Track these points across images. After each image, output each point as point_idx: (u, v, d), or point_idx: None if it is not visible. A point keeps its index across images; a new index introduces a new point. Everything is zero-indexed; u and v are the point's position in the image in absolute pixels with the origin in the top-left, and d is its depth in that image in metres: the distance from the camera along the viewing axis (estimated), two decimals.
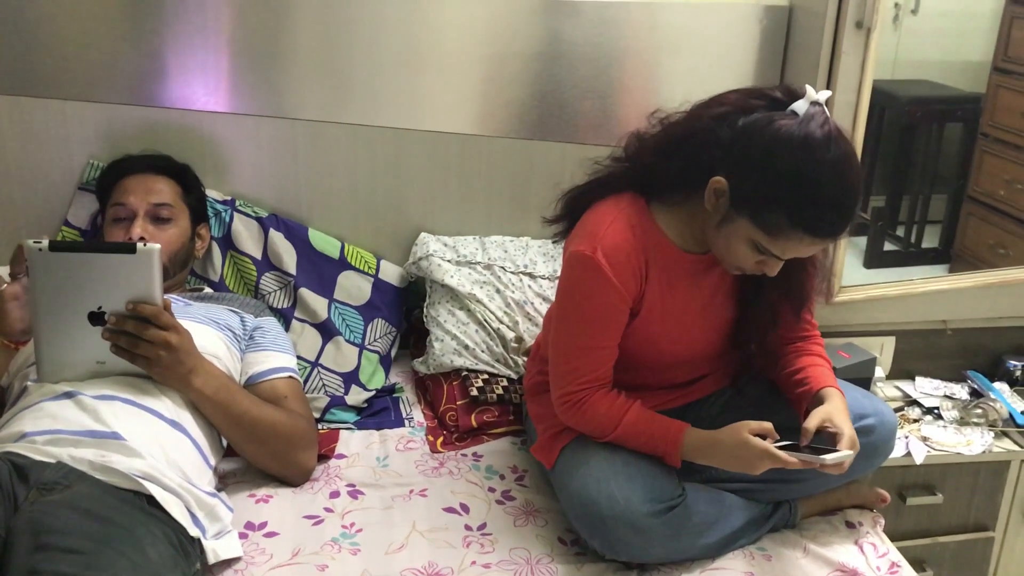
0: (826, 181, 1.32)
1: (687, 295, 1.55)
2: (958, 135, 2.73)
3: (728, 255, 1.46)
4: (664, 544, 1.47)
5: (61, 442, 1.35)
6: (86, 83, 1.91)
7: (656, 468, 1.51)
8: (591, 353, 1.53)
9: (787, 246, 1.39)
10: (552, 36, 2.02)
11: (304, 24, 1.94)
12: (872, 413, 1.57)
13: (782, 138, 1.33)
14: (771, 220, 1.36)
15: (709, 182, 1.41)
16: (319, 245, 2.03)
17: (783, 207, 1.34)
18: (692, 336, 1.59)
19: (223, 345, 1.64)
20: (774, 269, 1.44)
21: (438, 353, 1.94)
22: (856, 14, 1.88)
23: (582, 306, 1.51)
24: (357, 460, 1.75)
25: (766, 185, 1.35)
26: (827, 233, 1.37)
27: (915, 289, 2.17)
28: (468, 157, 2.09)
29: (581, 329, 1.52)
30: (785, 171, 1.33)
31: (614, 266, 1.46)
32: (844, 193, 1.35)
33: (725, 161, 1.39)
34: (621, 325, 1.52)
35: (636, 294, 1.50)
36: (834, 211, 1.35)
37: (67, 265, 1.38)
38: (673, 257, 1.51)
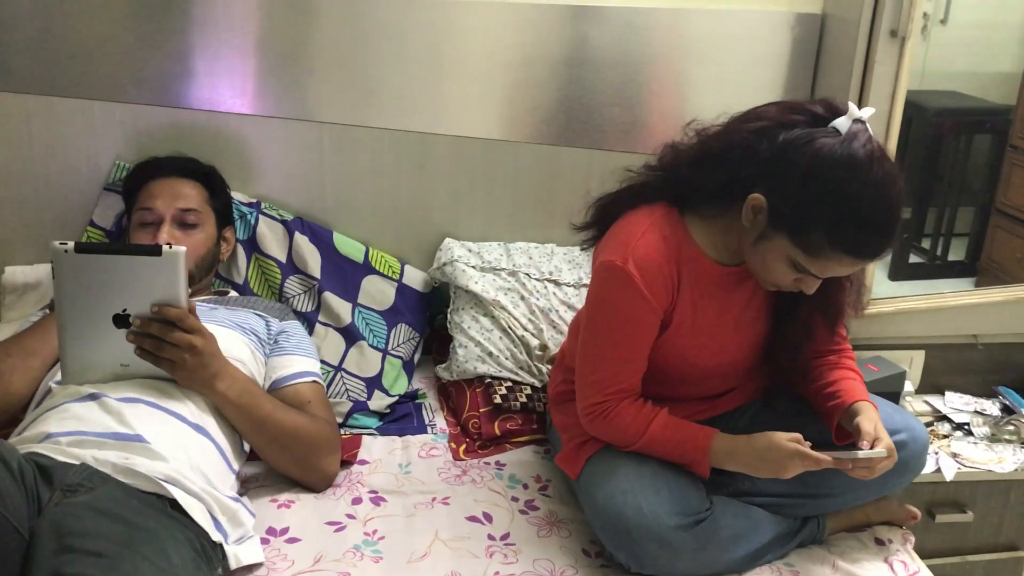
0: (868, 202, 1.30)
1: (720, 308, 1.53)
2: (986, 147, 2.69)
3: (765, 272, 1.44)
4: (691, 558, 1.45)
5: (85, 444, 1.35)
6: (113, 83, 1.91)
7: (684, 480, 1.49)
8: (619, 365, 1.51)
9: (827, 266, 1.36)
10: (580, 41, 2.01)
11: (331, 27, 1.93)
12: (904, 428, 1.54)
13: (824, 157, 1.30)
14: (811, 240, 1.33)
15: (747, 199, 1.38)
16: (344, 249, 2.02)
17: (823, 227, 1.32)
18: (724, 349, 1.57)
19: (248, 349, 1.64)
20: (812, 287, 1.42)
21: (461, 359, 1.92)
22: (891, 23, 1.85)
23: (611, 317, 1.50)
24: (379, 466, 1.74)
25: (807, 204, 1.32)
26: (868, 255, 1.36)
27: (945, 303, 2.14)
28: (493, 162, 2.08)
29: (610, 340, 1.51)
30: (827, 191, 1.30)
31: (645, 278, 1.44)
32: (886, 214, 1.32)
33: (764, 178, 1.37)
34: (651, 338, 1.51)
35: (667, 306, 1.48)
36: (875, 233, 1.33)
37: (93, 267, 1.37)
38: (706, 270, 1.49)
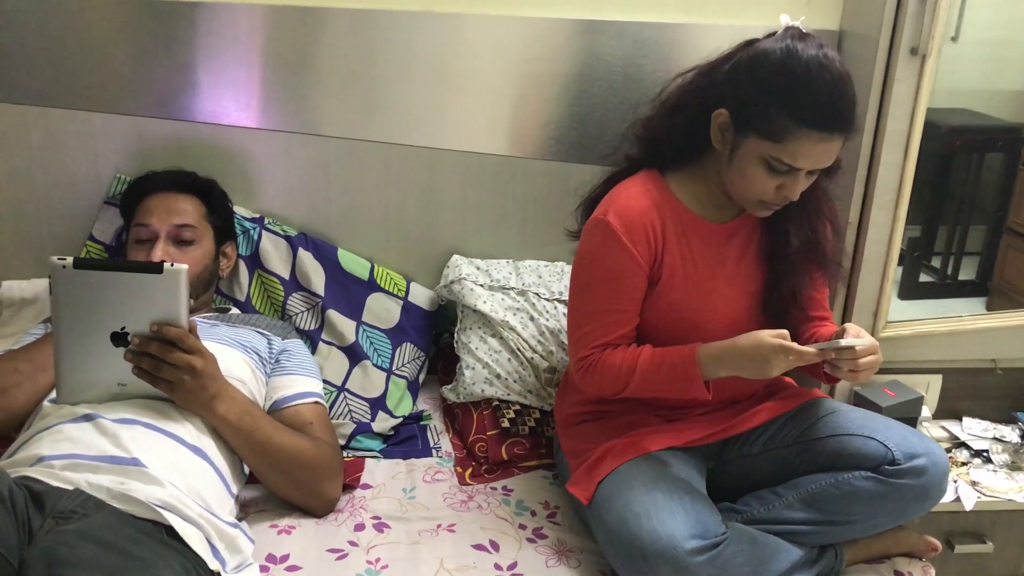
0: (815, 72, 1.37)
1: (712, 264, 1.55)
2: (998, 165, 2.66)
3: (746, 188, 1.47)
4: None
5: (79, 467, 1.30)
6: (116, 95, 1.88)
7: (700, 503, 1.45)
8: (604, 317, 1.53)
9: (797, 149, 1.39)
10: (590, 57, 1.98)
11: (338, 40, 1.90)
12: (924, 453, 1.49)
13: (766, 50, 1.42)
14: (775, 126, 1.39)
15: (712, 118, 1.46)
16: (348, 266, 1.98)
17: (782, 107, 1.38)
18: (720, 306, 1.56)
19: (249, 369, 1.59)
20: (795, 188, 1.45)
21: (468, 381, 1.88)
22: (911, 40, 1.81)
23: (592, 269, 1.53)
24: (383, 491, 1.69)
25: (762, 95, 1.40)
26: (829, 123, 1.38)
27: (963, 326, 2.09)
28: (502, 179, 2.04)
29: (593, 292, 1.54)
30: (776, 75, 1.39)
31: (627, 227, 1.49)
32: (837, 82, 1.37)
33: (721, 99, 1.45)
34: (636, 290, 1.53)
35: (651, 257, 1.51)
36: (831, 99, 1.37)
37: (91, 283, 1.34)
38: (692, 224, 1.54)
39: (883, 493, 1.47)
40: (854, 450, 1.51)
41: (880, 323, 2.01)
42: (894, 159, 1.90)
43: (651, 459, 1.52)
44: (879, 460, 1.48)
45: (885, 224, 1.95)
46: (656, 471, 1.49)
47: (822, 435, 1.57)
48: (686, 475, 1.51)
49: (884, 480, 1.47)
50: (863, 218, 1.96)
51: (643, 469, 1.50)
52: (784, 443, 1.60)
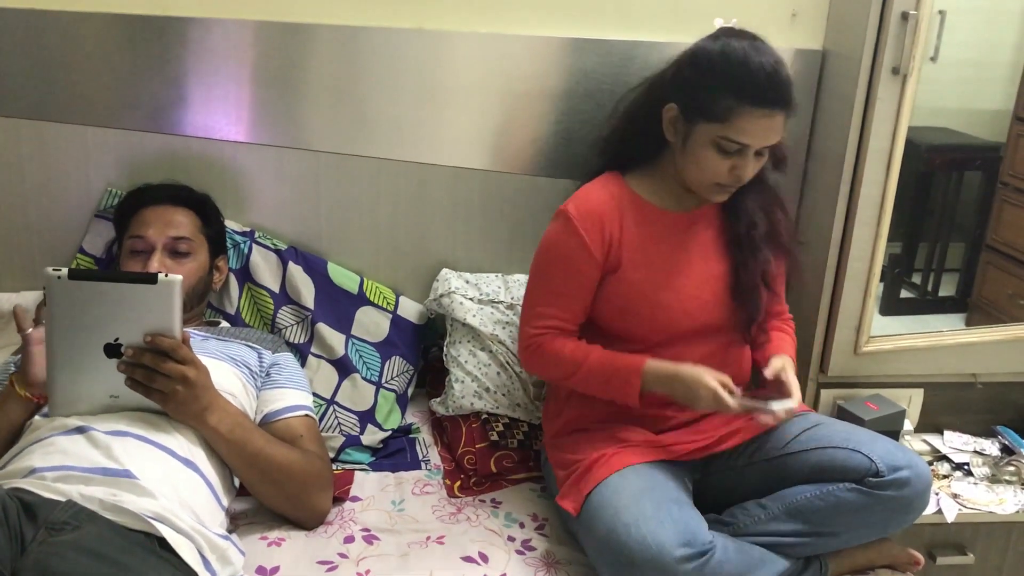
0: (751, 56, 1.51)
1: (673, 248, 1.65)
2: (977, 183, 2.70)
3: (701, 172, 1.58)
4: None
5: (71, 479, 1.30)
6: (107, 109, 1.89)
7: (687, 513, 1.47)
8: (555, 298, 1.64)
9: (743, 126, 1.50)
10: (579, 74, 2.00)
11: (328, 56, 1.92)
12: (907, 465, 1.52)
13: (704, 46, 1.57)
14: (720, 107, 1.51)
15: (663, 114, 1.59)
16: (338, 279, 1.99)
17: (725, 90, 1.50)
18: (685, 287, 1.64)
19: (239, 382, 1.60)
20: (747, 167, 1.55)
21: (458, 395, 1.89)
22: (892, 60, 1.85)
23: (548, 253, 1.65)
24: (372, 503, 1.69)
25: (705, 82, 1.53)
26: (769, 99, 1.50)
27: (944, 341, 2.13)
28: (491, 194, 2.06)
29: (547, 275, 1.65)
30: (715, 62, 1.53)
31: (582, 216, 1.61)
32: (771, 61, 1.51)
33: (669, 94, 1.59)
34: (586, 278, 1.62)
35: (604, 244, 1.61)
36: (767, 78, 1.50)
37: (85, 294, 1.34)
38: (651, 214, 1.65)
39: (867, 504, 1.49)
40: (839, 463, 1.53)
41: (863, 338, 2.04)
42: (876, 177, 1.94)
43: (638, 470, 1.54)
44: (863, 472, 1.50)
45: (867, 240, 1.98)
46: (644, 482, 1.51)
47: (807, 448, 1.59)
48: (673, 485, 1.52)
49: (868, 492, 1.49)
50: (846, 234, 2.00)
51: (631, 480, 1.51)
52: (769, 456, 1.63)
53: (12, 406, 1.45)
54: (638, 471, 1.54)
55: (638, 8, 2.00)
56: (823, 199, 2.05)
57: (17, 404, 1.45)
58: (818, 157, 2.08)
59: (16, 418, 1.45)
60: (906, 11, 1.82)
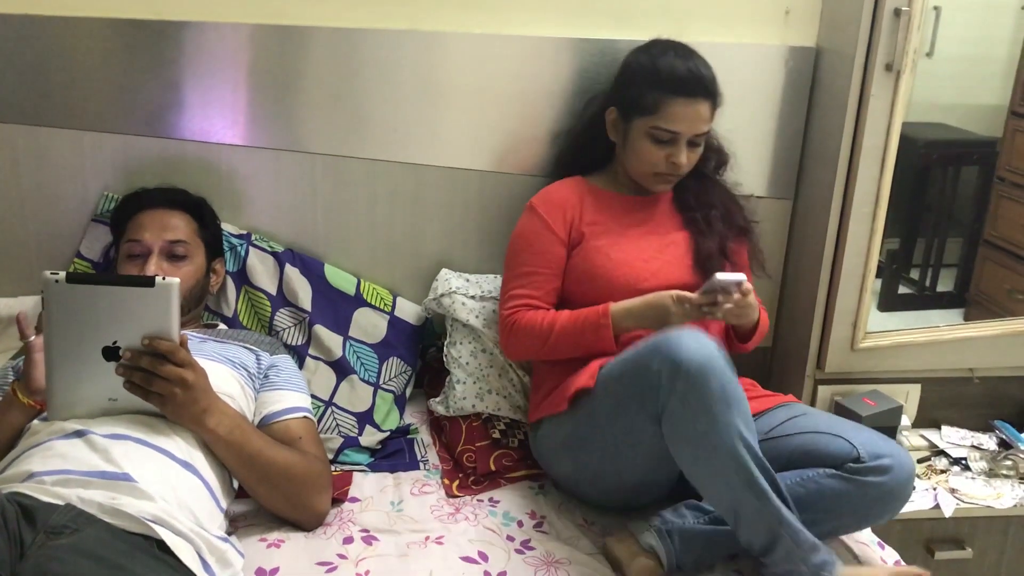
0: (671, 53, 1.75)
1: (634, 221, 1.82)
2: (974, 178, 2.70)
3: (641, 163, 1.78)
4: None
5: (70, 483, 1.30)
6: (103, 114, 1.89)
7: None
8: (525, 279, 1.78)
9: (671, 114, 1.71)
10: (574, 74, 2.01)
11: (324, 58, 1.92)
12: (888, 453, 1.51)
13: (634, 54, 1.82)
14: (649, 101, 1.72)
15: (606, 118, 1.82)
16: (335, 281, 2.00)
17: (651, 86, 1.73)
18: (646, 249, 1.79)
19: (237, 384, 1.60)
20: (680, 155, 1.74)
21: (459, 395, 1.89)
22: (886, 56, 1.86)
23: (518, 241, 1.82)
24: (371, 504, 1.70)
25: (634, 82, 1.77)
26: (691, 88, 1.71)
27: (941, 336, 2.13)
28: (487, 194, 2.07)
29: (517, 260, 1.80)
30: (641, 64, 1.77)
31: (544, 203, 1.81)
32: (689, 57, 1.75)
33: (609, 101, 1.83)
34: (552, 255, 1.78)
35: (566, 224, 1.79)
36: (686, 70, 1.72)
37: (84, 298, 1.34)
38: (609, 198, 1.85)
39: (848, 492, 1.49)
40: (821, 447, 1.54)
41: (859, 334, 2.05)
42: (871, 173, 1.94)
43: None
44: (844, 458, 1.51)
45: (863, 236, 1.99)
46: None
47: (790, 433, 1.61)
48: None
49: (849, 478, 1.49)
50: (841, 230, 2.00)
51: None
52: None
53: (14, 412, 1.45)
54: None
55: (632, 7, 2.00)
56: (818, 196, 2.05)
57: (19, 410, 1.45)
58: (813, 154, 2.09)
59: (17, 424, 1.46)
60: (898, 7, 1.83)
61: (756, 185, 2.13)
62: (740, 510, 1.44)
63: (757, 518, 1.43)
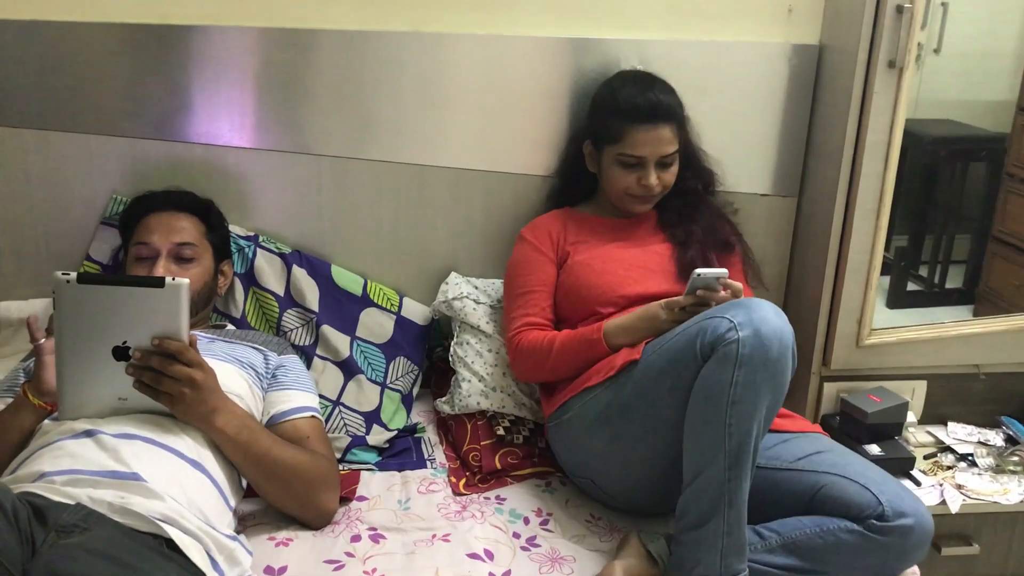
0: (626, 83, 1.90)
1: (617, 238, 1.92)
2: (982, 175, 2.69)
3: (615, 188, 1.89)
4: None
5: (80, 482, 1.32)
6: (111, 117, 1.91)
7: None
8: (522, 299, 1.86)
9: (635, 140, 1.83)
10: (578, 74, 2.02)
11: (329, 61, 1.94)
12: (912, 513, 1.48)
13: (599, 88, 1.94)
14: (613, 131, 1.85)
15: (583, 149, 1.95)
16: (342, 282, 2.01)
17: (613, 116, 1.86)
18: (629, 259, 1.87)
19: (245, 384, 1.62)
20: (650, 176, 1.85)
21: (464, 394, 1.90)
22: (888, 54, 1.85)
23: (512, 268, 1.92)
24: (378, 503, 1.71)
25: (599, 111, 1.91)
26: (648, 115, 1.82)
27: (947, 332, 2.13)
28: (492, 193, 2.08)
29: (514, 285, 1.90)
30: (603, 97, 1.92)
31: (533, 231, 1.93)
32: (648, 86, 1.87)
33: (585, 134, 1.95)
34: (543, 273, 1.88)
35: (552, 245, 1.90)
36: (645, 99, 1.84)
37: (94, 298, 1.36)
38: (593, 222, 1.95)
39: (866, 548, 1.46)
40: (847, 495, 1.50)
41: (865, 331, 2.05)
42: (875, 169, 1.94)
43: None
44: (868, 512, 1.47)
45: (868, 232, 1.99)
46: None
47: (818, 469, 1.57)
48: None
49: (869, 536, 1.46)
50: (846, 227, 2.00)
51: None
52: (778, 465, 1.62)
53: (25, 414, 1.47)
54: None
55: (635, 7, 2.01)
56: (823, 192, 2.05)
57: (30, 412, 1.47)
58: (817, 151, 2.09)
59: (28, 425, 1.47)
60: (901, 4, 1.83)
61: (760, 183, 2.14)
62: (705, 472, 1.44)
63: (713, 489, 1.43)
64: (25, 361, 1.71)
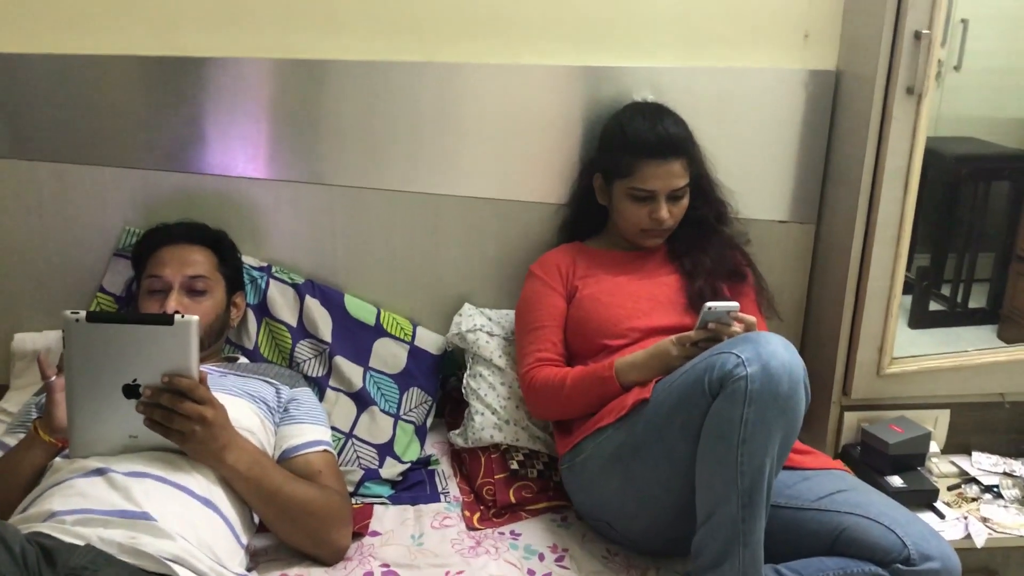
0: (639, 118, 1.87)
1: (625, 271, 1.91)
2: (1005, 192, 2.66)
3: (627, 222, 1.89)
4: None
5: (91, 522, 1.31)
6: (124, 149, 1.91)
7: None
8: (534, 334, 1.85)
9: (645, 174, 1.82)
10: (591, 101, 2.00)
11: (341, 92, 1.93)
12: (939, 557, 1.44)
13: (608, 122, 1.94)
14: (624, 166, 1.84)
15: (593, 182, 1.94)
16: (355, 312, 2.00)
17: (623, 151, 1.85)
18: (638, 291, 1.86)
19: (257, 419, 1.60)
20: (661, 210, 1.84)
21: (478, 427, 1.88)
22: (907, 80, 1.83)
23: (522, 304, 1.92)
24: (391, 538, 1.69)
25: (609, 146, 1.91)
26: (657, 151, 1.82)
27: (970, 360, 2.09)
28: (505, 222, 2.06)
29: (525, 321, 1.89)
30: (613, 132, 1.91)
31: (541, 266, 1.93)
32: (657, 119, 1.86)
33: (595, 168, 1.95)
34: (553, 308, 1.87)
35: (562, 279, 1.90)
36: (655, 135, 1.83)
37: (103, 336, 1.36)
38: (601, 256, 1.95)
39: None
40: (872, 538, 1.47)
41: (885, 359, 2.02)
42: (894, 195, 1.92)
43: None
44: (894, 556, 1.44)
45: (888, 259, 1.96)
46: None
47: (842, 509, 1.54)
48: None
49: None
50: (865, 254, 1.98)
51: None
52: (799, 504, 1.59)
53: (36, 451, 1.47)
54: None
55: (649, 35, 2.00)
56: (841, 219, 2.03)
57: (41, 449, 1.47)
58: (835, 177, 2.07)
59: (39, 462, 1.47)
60: (919, 30, 1.80)
61: (778, 209, 2.12)
62: (718, 511, 1.42)
63: (727, 528, 1.41)
64: (37, 395, 1.71)
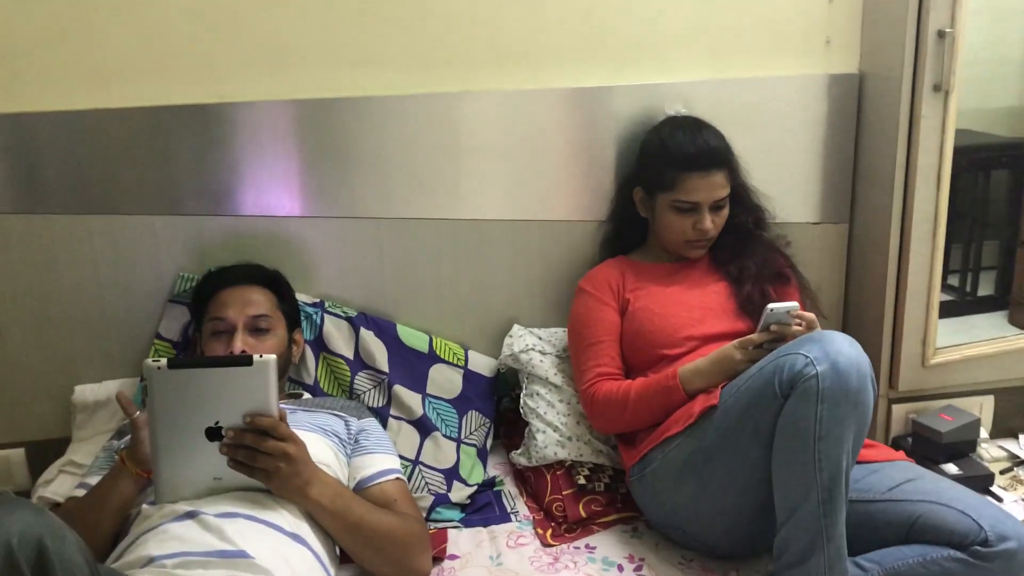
0: (679, 132, 1.91)
1: (674, 281, 1.94)
2: (1005, 180, 2.70)
3: (671, 233, 1.92)
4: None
5: (191, 564, 1.33)
6: (174, 197, 1.94)
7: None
8: (591, 350, 1.87)
9: (688, 187, 1.86)
10: (625, 119, 2.05)
11: (375, 126, 1.96)
12: (1014, 535, 1.46)
13: (648, 135, 1.97)
14: (667, 178, 1.87)
15: (633, 195, 1.98)
16: (408, 340, 2.03)
17: (665, 164, 1.88)
18: (689, 300, 1.89)
19: (331, 452, 1.63)
20: (705, 220, 1.87)
21: (541, 445, 1.91)
22: (933, 78, 1.88)
23: (575, 321, 1.94)
24: (470, 560, 1.71)
25: (652, 161, 1.93)
26: (700, 163, 1.85)
27: (1011, 345, 2.13)
28: (549, 243, 2.11)
29: (579, 336, 1.92)
30: (654, 144, 1.94)
31: (590, 282, 1.96)
32: (697, 132, 1.89)
33: (635, 181, 1.98)
34: (608, 322, 1.90)
35: (613, 294, 1.93)
36: (696, 147, 1.87)
37: (185, 382, 1.38)
38: (648, 268, 1.97)
39: (970, 575, 1.46)
40: (948, 524, 1.49)
41: (929, 350, 2.06)
42: (928, 192, 1.96)
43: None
44: (971, 539, 1.46)
45: (925, 254, 2.00)
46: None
47: (912, 498, 1.57)
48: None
49: (974, 563, 1.45)
50: (903, 251, 2.02)
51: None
52: (871, 497, 1.62)
53: (124, 481, 1.50)
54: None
55: (676, 51, 2.05)
56: (875, 218, 2.07)
57: (128, 480, 1.50)
58: (865, 176, 2.11)
59: (128, 493, 1.50)
60: (942, 29, 1.85)
61: (810, 211, 2.16)
62: (799, 509, 1.45)
63: (810, 525, 1.44)
64: (113, 439, 1.74)
